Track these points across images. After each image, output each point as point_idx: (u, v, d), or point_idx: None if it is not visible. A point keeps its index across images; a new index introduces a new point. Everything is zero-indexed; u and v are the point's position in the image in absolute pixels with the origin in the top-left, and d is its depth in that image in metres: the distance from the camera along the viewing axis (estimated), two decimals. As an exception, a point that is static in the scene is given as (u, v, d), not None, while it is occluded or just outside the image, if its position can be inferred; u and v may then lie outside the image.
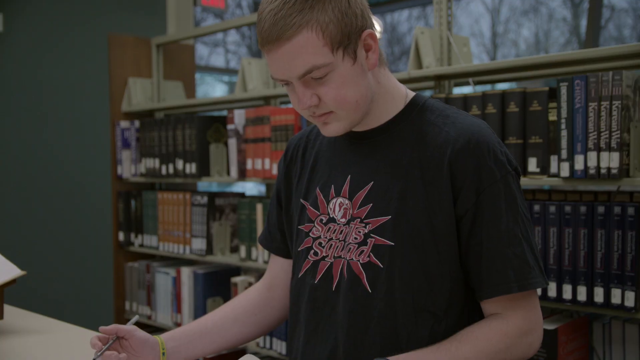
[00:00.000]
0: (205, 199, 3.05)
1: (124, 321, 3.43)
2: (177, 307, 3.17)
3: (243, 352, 3.05)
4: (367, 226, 1.22)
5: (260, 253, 2.76)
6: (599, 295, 1.82)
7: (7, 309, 1.83)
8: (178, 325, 3.15)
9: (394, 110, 1.26)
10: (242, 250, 2.85)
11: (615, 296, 1.79)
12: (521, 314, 1.18)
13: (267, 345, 2.75)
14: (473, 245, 1.17)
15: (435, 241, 1.17)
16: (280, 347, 2.69)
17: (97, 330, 1.38)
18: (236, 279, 2.89)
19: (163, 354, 1.31)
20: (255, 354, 3.01)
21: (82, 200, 4.03)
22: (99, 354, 1.24)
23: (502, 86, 2.48)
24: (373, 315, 1.20)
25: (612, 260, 1.80)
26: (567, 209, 1.87)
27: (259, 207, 2.78)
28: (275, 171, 2.67)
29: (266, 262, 2.73)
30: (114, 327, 1.28)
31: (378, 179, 1.23)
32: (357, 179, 1.26)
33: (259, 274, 2.92)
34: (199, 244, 3.06)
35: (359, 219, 1.23)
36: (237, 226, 2.99)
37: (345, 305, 1.23)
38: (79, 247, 4.01)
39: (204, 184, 3.70)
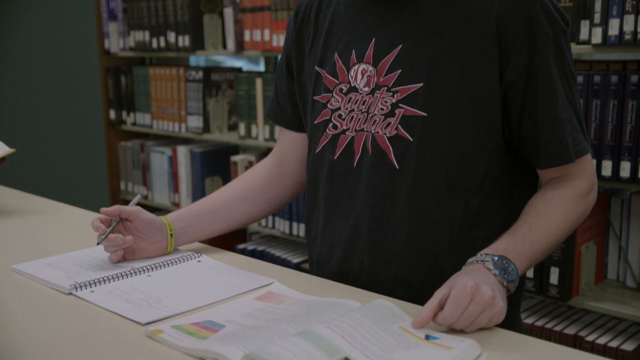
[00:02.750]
0: (200, 74, 2.88)
1: (120, 201, 3.35)
2: (175, 187, 3.09)
3: (244, 232, 3.00)
4: (395, 95, 1.09)
5: (260, 130, 2.64)
6: (625, 169, 1.73)
7: (-1, 189, 1.74)
8: (176, 205, 3.08)
9: (425, -38, 1.09)
10: (241, 128, 2.72)
11: (644, 170, 1.71)
12: (586, 172, 1.12)
13: (270, 225, 2.70)
14: (528, 112, 1.06)
15: (474, 110, 1.05)
16: (283, 226, 2.63)
17: (97, 211, 1.28)
18: (236, 158, 2.79)
19: (171, 235, 1.22)
20: (256, 233, 2.96)
21: (70, 76, 3.82)
22: (103, 237, 1.14)
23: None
24: (400, 192, 1.10)
25: (643, 133, 1.70)
26: (596, 79, 1.74)
27: (259, 82, 2.63)
28: (276, 43, 2.50)
29: (267, 140, 2.62)
30: (116, 208, 1.18)
31: (407, 42, 1.09)
32: (382, 43, 1.11)
33: (259, 152, 2.81)
34: (195, 121, 2.93)
35: (385, 88, 1.10)
36: (235, 102, 2.85)
37: (368, 183, 1.12)
38: (68, 126, 3.86)
39: (194, 59, 3.51)
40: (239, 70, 3.01)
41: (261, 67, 3.34)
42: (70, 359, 0.85)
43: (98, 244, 1.15)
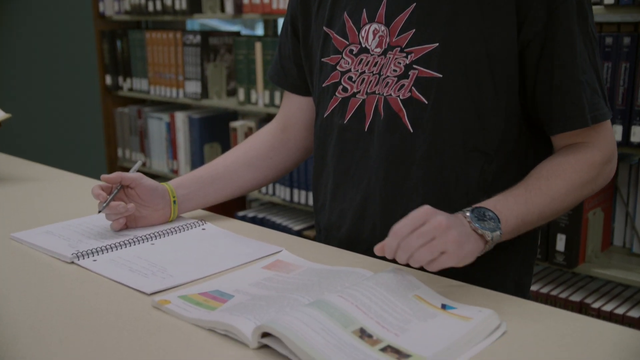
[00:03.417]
0: (198, 38, 2.82)
1: (118, 168, 3.31)
2: (173, 153, 3.04)
3: (244, 199, 2.97)
4: (409, 56, 1.04)
5: (260, 95, 2.59)
6: (636, 134, 1.70)
7: (-6, 156, 1.69)
8: (175, 172, 3.04)
9: None
10: (241, 93, 2.67)
11: (656, 136, 1.67)
12: (603, 141, 1.05)
13: (270, 192, 2.66)
14: (543, 72, 1.01)
15: (492, 71, 1.00)
16: (284, 193, 2.60)
17: (95, 178, 1.24)
18: (235, 124, 2.74)
19: (174, 202, 1.19)
20: (256, 200, 2.93)
21: (64, 41, 3.74)
22: (104, 205, 1.10)
23: None
24: (414, 157, 1.06)
25: (655, 97, 1.66)
26: (608, 40, 1.69)
27: (258, 47, 2.57)
28: (276, 5, 2.43)
29: (267, 105, 2.57)
30: (117, 175, 1.14)
31: (421, 0, 1.04)
32: (395, 1, 1.07)
33: (259, 118, 2.77)
34: (193, 87, 2.87)
35: (398, 48, 1.05)
36: (234, 67, 2.79)
37: (381, 148, 1.08)
38: (64, 91, 3.79)
39: (192, 23, 3.44)
40: (238, 34, 2.94)
41: (258, 33, 3.27)
42: (74, 331, 0.82)
43: (99, 212, 1.11)
